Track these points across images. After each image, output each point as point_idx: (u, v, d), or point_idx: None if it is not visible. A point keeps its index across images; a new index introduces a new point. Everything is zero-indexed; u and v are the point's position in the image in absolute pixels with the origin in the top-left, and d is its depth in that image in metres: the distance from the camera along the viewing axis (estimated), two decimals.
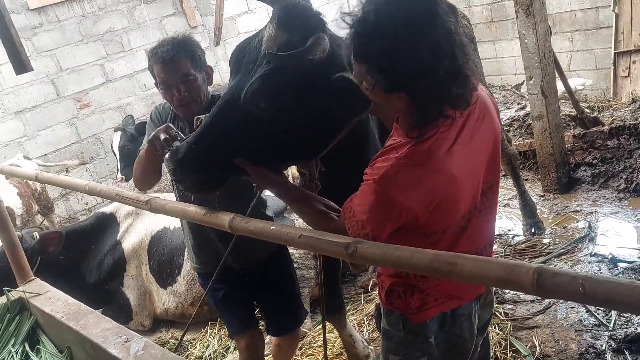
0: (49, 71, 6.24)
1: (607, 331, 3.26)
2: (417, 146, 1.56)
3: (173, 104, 2.47)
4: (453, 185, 1.59)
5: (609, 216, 4.57)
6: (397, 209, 1.57)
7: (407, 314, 1.82)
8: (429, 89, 1.48)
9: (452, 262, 1.19)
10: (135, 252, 4.34)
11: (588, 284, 0.97)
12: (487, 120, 1.70)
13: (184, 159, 1.78)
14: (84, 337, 2.84)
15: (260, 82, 1.67)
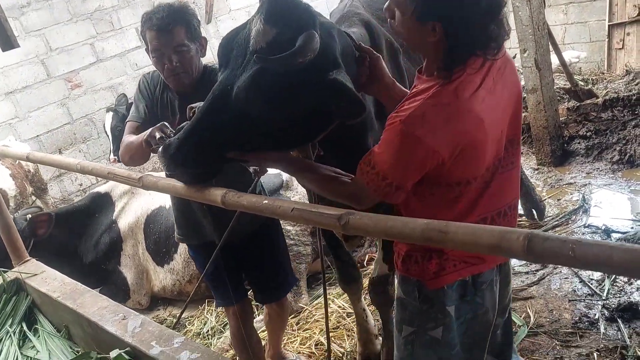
0: (38, 51, 6.17)
1: (600, 300, 3.30)
2: (444, 87, 1.55)
3: (163, 74, 2.41)
4: (479, 128, 1.57)
5: (603, 188, 4.59)
6: (423, 152, 1.54)
7: (424, 280, 1.79)
8: (466, 20, 1.49)
9: (444, 230, 1.19)
10: (132, 231, 4.34)
11: (578, 248, 0.97)
12: (508, 72, 1.70)
13: (176, 155, 1.75)
14: (81, 315, 2.85)
15: (250, 81, 1.63)
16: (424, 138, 1.52)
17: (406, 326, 1.90)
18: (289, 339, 3.59)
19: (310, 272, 4.15)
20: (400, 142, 1.55)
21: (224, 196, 1.86)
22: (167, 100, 2.53)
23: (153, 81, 2.57)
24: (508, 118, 1.71)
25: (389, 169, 1.59)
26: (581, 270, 3.58)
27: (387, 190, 1.61)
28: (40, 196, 5.60)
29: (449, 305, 1.80)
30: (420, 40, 1.59)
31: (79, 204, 4.47)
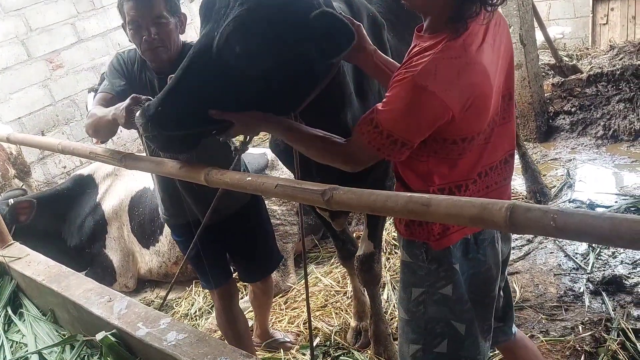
0: (18, 31, 6.05)
1: (585, 274, 3.34)
2: (452, 41, 1.55)
3: (140, 47, 2.33)
4: (486, 80, 1.59)
5: (587, 163, 4.63)
6: (437, 106, 1.53)
7: (430, 242, 1.80)
8: None
9: (426, 204, 1.19)
10: (116, 214, 4.30)
11: (559, 217, 0.97)
12: (503, 27, 1.72)
13: (155, 114, 1.68)
14: (66, 298, 2.83)
15: (234, 24, 1.60)
16: (438, 92, 1.51)
17: (415, 288, 1.90)
18: (277, 319, 3.60)
19: (298, 251, 4.15)
20: (412, 97, 1.53)
21: (207, 174, 1.84)
22: (146, 80, 2.45)
23: (130, 59, 2.49)
24: (504, 74, 1.73)
25: (397, 125, 1.57)
26: (566, 244, 3.61)
27: (392, 148, 1.60)
28: (23, 179, 5.54)
29: (454, 264, 1.82)
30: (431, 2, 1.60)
31: (62, 187, 4.41)
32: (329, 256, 4.20)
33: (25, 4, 6.10)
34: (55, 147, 2.58)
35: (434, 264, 1.83)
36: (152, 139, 1.76)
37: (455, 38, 1.55)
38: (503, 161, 1.82)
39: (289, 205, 4.10)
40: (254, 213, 2.84)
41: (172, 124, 1.71)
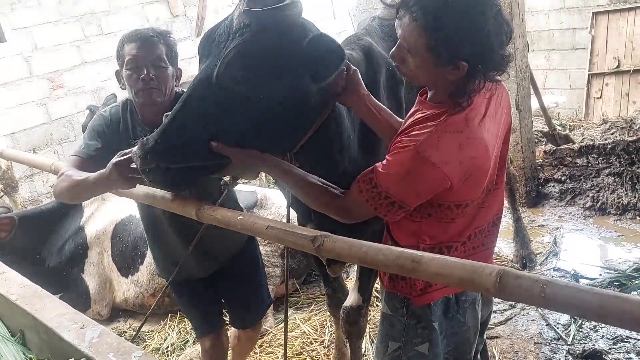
0: (23, 48, 6.08)
1: (565, 345, 3.31)
2: (454, 116, 1.59)
3: (135, 87, 2.28)
4: (486, 154, 1.64)
5: (574, 232, 4.65)
6: (437, 177, 1.57)
7: (411, 297, 1.82)
8: (492, 54, 1.55)
9: (417, 260, 1.18)
10: (98, 239, 4.24)
11: (549, 288, 0.97)
12: (505, 99, 1.77)
13: (155, 146, 1.68)
14: (38, 321, 2.75)
15: (234, 52, 1.65)
16: (439, 164, 1.55)
17: (392, 342, 1.90)
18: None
19: (278, 294, 4.10)
20: (413, 165, 1.58)
21: (198, 209, 1.83)
22: (136, 135, 2.37)
23: (114, 116, 2.42)
24: (502, 141, 1.78)
25: (396, 188, 1.61)
26: (548, 313, 3.59)
27: (388, 208, 1.63)
28: (9, 194, 5.46)
29: (433, 322, 1.83)
30: (437, 79, 1.63)
31: (46, 207, 4.34)
32: (309, 302, 4.14)
33: (35, 22, 6.16)
34: (47, 167, 2.57)
35: (414, 320, 1.84)
36: (149, 172, 1.74)
37: (459, 111, 1.60)
38: (491, 224, 1.85)
39: (274, 247, 4.07)
40: (249, 257, 2.82)
41: (171, 157, 1.71)
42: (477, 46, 1.53)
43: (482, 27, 1.51)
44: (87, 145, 2.35)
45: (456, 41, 1.52)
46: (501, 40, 1.55)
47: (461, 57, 1.54)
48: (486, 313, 2.02)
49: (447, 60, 1.55)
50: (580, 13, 7.07)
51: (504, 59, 1.60)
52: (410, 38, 1.58)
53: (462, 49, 1.53)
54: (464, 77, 1.58)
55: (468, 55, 1.54)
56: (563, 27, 7.25)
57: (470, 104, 1.60)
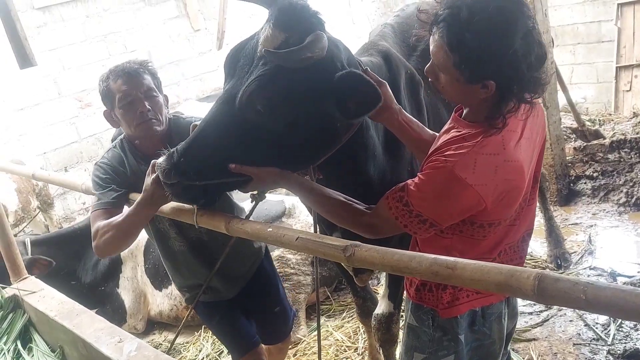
0: (51, 70, 6.23)
1: (605, 346, 3.23)
2: (491, 137, 1.58)
3: (134, 122, 2.27)
4: (521, 176, 1.62)
5: (609, 229, 4.55)
6: (471, 198, 1.56)
7: (438, 309, 1.81)
8: (520, 75, 1.51)
9: (452, 267, 1.17)
10: (132, 254, 4.30)
11: (590, 290, 0.95)
12: (540, 117, 1.75)
13: (179, 163, 1.69)
14: (77, 336, 2.81)
15: (256, 84, 1.62)
16: (475, 186, 1.54)
17: (418, 353, 1.90)
18: None
19: (310, 302, 4.10)
20: (448, 186, 1.56)
21: (227, 223, 1.83)
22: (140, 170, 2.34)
23: (115, 159, 2.39)
24: (536, 159, 1.77)
25: (429, 208, 1.60)
26: (586, 313, 3.52)
27: (419, 226, 1.62)
28: (45, 210, 5.60)
29: (459, 335, 1.82)
30: (469, 97, 1.62)
31: (79, 226, 4.44)
32: (340, 309, 4.13)
33: (61, 44, 6.31)
34: (78, 187, 2.61)
35: (439, 332, 1.83)
36: (171, 186, 1.76)
37: (494, 133, 1.58)
38: (521, 239, 1.83)
39: (304, 255, 4.07)
40: (268, 273, 2.84)
41: (193, 174, 1.72)
42: (503, 66, 1.50)
43: (508, 47, 1.47)
44: (102, 195, 2.32)
45: (481, 60, 1.50)
46: (530, 61, 1.51)
47: (488, 77, 1.52)
48: (511, 325, 2.00)
49: (475, 79, 1.54)
50: (604, 5, 6.93)
51: (537, 82, 1.57)
52: (438, 55, 1.57)
53: (487, 68, 1.51)
54: (496, 97, 1.56)
55: (495, 75, 1.51)
56: (587, 20, 7.11)
57: (506, 125, 1.57)
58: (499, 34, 1.48)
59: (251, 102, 1.64)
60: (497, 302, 1.83)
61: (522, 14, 1.51)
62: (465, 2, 1.50)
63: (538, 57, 1.53)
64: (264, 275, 2.79)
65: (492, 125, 1.58)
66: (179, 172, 1.70)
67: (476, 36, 1.47)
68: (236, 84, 1.70)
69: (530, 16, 1.53)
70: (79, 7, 6.44)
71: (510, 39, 1.47)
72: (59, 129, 6.34)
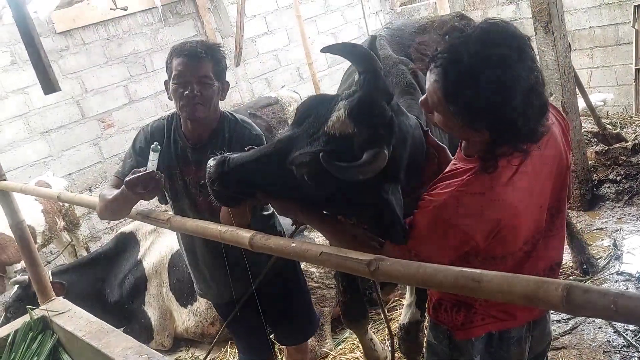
0: (74, 92, 6.37)
1: (637, 352, 3.17)
2: (479, 176, 1.55)
3: (180, 102, 2.35)
4: (514, 214, 1.57)
5: (635, 234, 4.47)
6: (459, 237, 1.55)
7: (453, 329, 1.81)
8: (515, 129, 1.48)
9: (478, 279, 1.17)
10: (156, 271, 4.35)
11: (620, 301, 0.94)
12: (551, 144, 1.67)
13: (227, 176, 1.75)
14: (105, 355, 2.85)
15: (309, 160, 1.61)
16: (459, 225, 1.53)
17: None
18: None
19: (335, 315, 4.09)
20: (434, 226, 1.56)
21: (251, 238, 1.84)
22: (180, 150, 2.51)
23: (156, 132, 2.53)
24: (549, 191, 1.69)
25: (423, 247, 1.60)
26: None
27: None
28: (72, 231, 5.69)
29: (475, 357, 1.81)
30: (464, 135, 1.60)
31: (103, 249, 4.53)
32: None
33: (83, 67, 6.45)
34: None
35: (456, 352, 1.83)
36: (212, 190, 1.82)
37: (484, 172, 1.54)
38: (548, 269, 1.78)
39: (327, 268, 4.07)
40: (291, 274, 2.84)
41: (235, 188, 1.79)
42: (499, 121, 1.47)
43: (507, 103, 1.43)
44: (123, 164, 2.54)
45: (477, 113, 1.47)
46: (528, 116, 1.46)
47: (482, 127, 1.50)
48: (542, 347, 1.94)
49: (469, 125, 1.52)
50: (621, 7, 6.88)
51: (533, 133, 1.52)
52: (434, 96, 1.55)
53: (482, 120, 1.48)
54: (490, 142, 1.53)
55: (489, 126, 1.49)
56: (604, 23, 7.06)
57: (496, 169, 1.53)
58: (498, 90, 1.42)
59: (299, 169, 1.65)
60: (516, 327, 1.79)
61: (525, 66, 1.45)
62: (467, 50, 1.44)
63: (537, 111, 1.49)
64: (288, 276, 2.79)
65: (483, 166, 1.54)
66: (223, 184, 1.77)
67: (474, 90, 1.43)
68: (298, 137, 1.70)
69: (533, 67, 1.48)
70: (99, 31, 6.58)
71: (510, 96, 1.43)
72: (82, 151, 6.46)
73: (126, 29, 6.78)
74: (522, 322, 1.80)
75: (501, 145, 1.52)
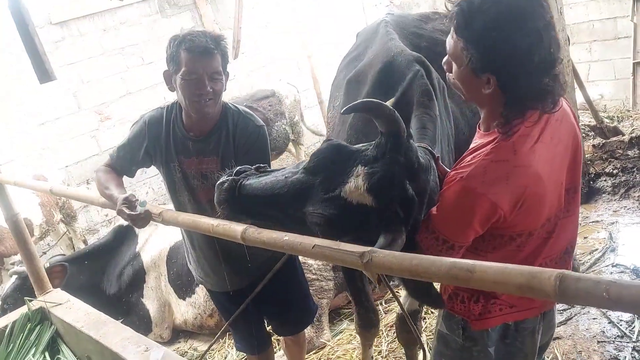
0: (70, 84, 6.34)
1: (630, 342, 3.20)
2: (501, 142, 1.56)
3: (191, 98, 2.30)
4: (538, 182, 1.57)
5: (631, 226, 4.50)
6: (486, 207, 1.54)
7: (469, 320, 1.80)
8: (519, 74, 1.50)
9: (471, 270, 1.18)
10: (154, 264, 4.36)
11: (613, 289, 0.95)
12: (565, 123, 1.70)
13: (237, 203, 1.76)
14: (103, 346, 2.86)
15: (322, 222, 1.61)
16: (487, 194, 1.52)
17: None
18: None
19: (333, 307, 4.11)
20: (461, 199, 1.56)
21: (244, 232, 1.84)
22: (180, 142, 2.49)
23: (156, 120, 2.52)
24: (566, 168, 1.70)
25: (449, 229, 1.59)
26: (610, 310, 3.49)
27: (449, 253, 1.60)
28: (69, 223, 5.68)
29: (489, 347, 1.80)
30: (476, 93, 1.61)
31: (102, 242, 4.52)
32: None
33: (79, 58, 6.42)
34: (96, 202, 2.65)
35: (469, 342, 1.82)
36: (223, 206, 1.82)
37: (506, 139, 1.56)
38: (564, 252, 1.79)
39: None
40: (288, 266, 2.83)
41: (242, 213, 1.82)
42: (504, 62, 1.49)
43: (512, 42, 1.47)
44: (118, 151, 2.62)
45: (484, 48, 1.50)
46: (534, 63, 1.48)
47: (490, 70, 1.52)
48: (547, 337, 1.97)
49: (478, 69, 1.53)
50: (620, 1, 6.87)
51: (542, 89, 1.53)
52: (450, 41, 1.60)
53: (489, 59, 1.51)
54: (501, 100, 1.55)
55: (497, 70, 1.51)
56: (603, 17, 7.05)
57: (516, 131, 1.55)
58: (505, 27, 1.47)
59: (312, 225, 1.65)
60: (531, 317, 1.80)
61: (537, 13, 1.49)
62: None
63: (545, 62, 1.50)
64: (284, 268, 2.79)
65: (502, 132, 1.56)
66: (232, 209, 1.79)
67: (483, 23, 1.48)
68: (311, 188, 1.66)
69: (544, 17, 1.50)
70: (96, 21, 6.54)
71: (516, 35, 1.46)
72: (80, 143, 6.44)
73: (123, 20, 6.74)
74: (538, 312, 1.81)
75: (511, 105, 1.54)
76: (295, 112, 6.64)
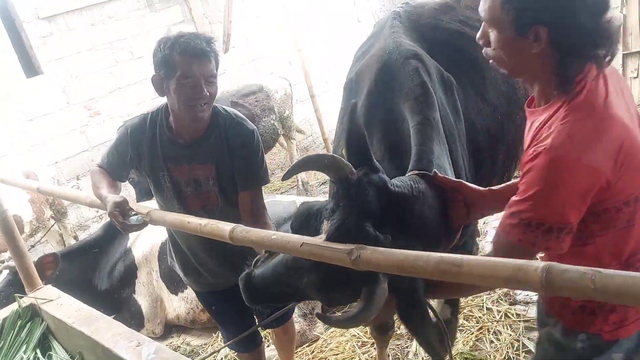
0: (59, 79, 6.30)
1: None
2: (573, 102, 1.39)
3: (186, 103, 2.21)
4: (627, 131, 1.39)
5: None
6: (584, 174, 1.34)
7: (601, 332, 1.58)
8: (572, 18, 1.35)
9: (458, 264, 1.18)
10: (146, 259, 4.35)
11: (598, 279, 0.96)
12: (615, 74, 1.56)
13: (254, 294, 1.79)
14: (95, 342, 2.85)
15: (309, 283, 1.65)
16: (580, 158, 1.33)
17: None
18: None
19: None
20: (552, 173, 1.35)
21: (231, 231, 1.83)
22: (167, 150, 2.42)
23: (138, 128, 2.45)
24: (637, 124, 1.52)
25: (545, 209, 1.38)
26: None
27: (547, 238, 1.39)
28: (59, 220, 5.66)
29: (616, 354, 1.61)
30: (524, 57, 1.45)
31: (92, 238, 4.50)
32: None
33: (67, 53, 6.38)
34: (83, 201, 2.63)
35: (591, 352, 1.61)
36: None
37: (575, 97, 1.40)
38: None
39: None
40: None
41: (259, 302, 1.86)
42: (556, 9, 1.35)
43: None
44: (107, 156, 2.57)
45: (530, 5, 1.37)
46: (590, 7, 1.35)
47: (537, 21, 1.37)
48: None
49: (523, 25, 1.39)
50: None
51: (600, 31, 1.37)
52: (485, 4, 1.47)
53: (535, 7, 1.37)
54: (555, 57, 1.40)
55: (544, 17, 1.36)
56: None
57: (584, 86, 1.39)
58: None
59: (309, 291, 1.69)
60: None
61: None
62: None
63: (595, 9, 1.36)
64: None
65: (567, 92, 1.40)
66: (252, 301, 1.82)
67: None
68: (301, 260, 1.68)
69: None
70: (84, 16, 6.50)
71: None
72: (69, 138, 6.41)
73: (111, 14, 6.70)
74: None
75: (568, 58, 1.40)
76: (285, 106, 6.54)
